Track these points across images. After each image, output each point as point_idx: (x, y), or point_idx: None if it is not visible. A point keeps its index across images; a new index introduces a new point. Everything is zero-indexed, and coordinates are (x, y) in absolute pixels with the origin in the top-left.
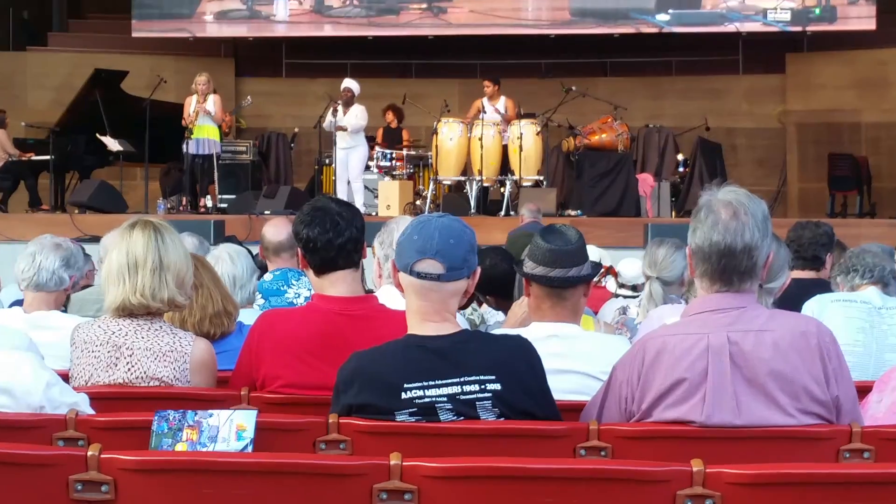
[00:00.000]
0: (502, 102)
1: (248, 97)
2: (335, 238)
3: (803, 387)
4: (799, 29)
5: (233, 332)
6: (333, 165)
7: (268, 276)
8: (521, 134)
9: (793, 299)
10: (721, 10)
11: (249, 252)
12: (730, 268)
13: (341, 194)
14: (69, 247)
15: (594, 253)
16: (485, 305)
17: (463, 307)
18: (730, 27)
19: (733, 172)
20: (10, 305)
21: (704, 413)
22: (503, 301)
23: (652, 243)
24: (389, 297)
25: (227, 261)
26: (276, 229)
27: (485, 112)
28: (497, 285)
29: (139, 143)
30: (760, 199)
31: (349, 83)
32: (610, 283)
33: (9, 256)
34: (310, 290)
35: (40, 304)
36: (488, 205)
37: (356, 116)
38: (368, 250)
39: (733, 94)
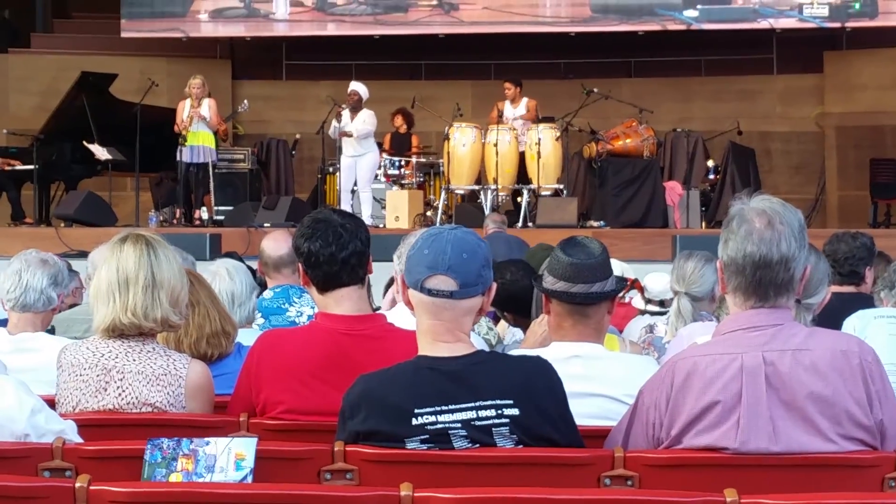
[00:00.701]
0: (524, 105)
1: (245, 101)
2: (338, 252)
3: (845, 410)
4: (837, 25)
5: (231, 353)
6: (338, 174)
7: (267, 294)
8: (540, 139)
9: (833, 315)
10: (754, 6)
11: (249, 268)
12: (766, 280)
13: (346, 205)
14: (56, 263)
15: (618, 267)
16: (501, 323)
17: None
18: (763, 24)
19: (768, 179)
20: None
21: (738, 439)
22: (522, 318)
23: (680, 256)
24: (404, 315)
25: (226, 277)
26: (277, 243)
27: (502, 116)
28: (516, 301)
29: (129, 151)
30: (796, 209)
31: (356, 86)
32: (636, 299)
33: None
34: (313, 308)
35: (26, 325)
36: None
37: (364, 121)
38: (382, 265)
39: (767, 95)
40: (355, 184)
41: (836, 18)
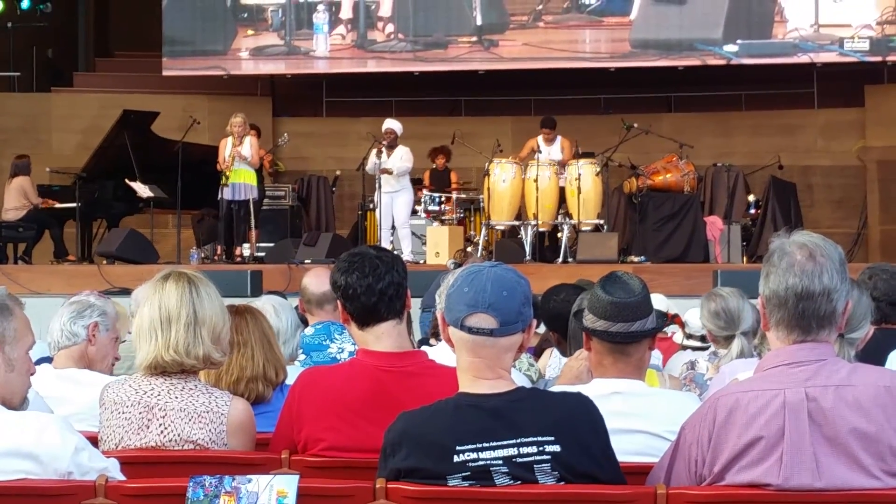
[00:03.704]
0: (558, 144)
1: (285, 135)
2: (375, 283)
3: (889, 446)
4: (878, 59)
5: (269, 399)
6: (378, 210)
7: (309, 330)
8: (580, 175)
9: (877, 351)
10: (794, 41)
11: None
12: (808, 312)
13: (386, 242)
14: (83, 300)
15: (661, 302)
16: (542, 359)
17: None
18: (803, 58)
19: (809, 214)
20: (37, 362)
21: (782, 475)
22: (566, 340)
23: (714, 300)
24: (446, 352)
25: (271, 314)
26: (319, 280)
27: (540, 152)
28: (564, 322)
29: (171, 189)
30: (836, 244)
31: (391, 124)
32: (677, 335)
33: (33, 312)
34: (354, 344)
35: (67, 361)
36: (544, 251)
37: (401, 158)
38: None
39: (808, 129)
40: (392, 221)
41: (876, 52)
